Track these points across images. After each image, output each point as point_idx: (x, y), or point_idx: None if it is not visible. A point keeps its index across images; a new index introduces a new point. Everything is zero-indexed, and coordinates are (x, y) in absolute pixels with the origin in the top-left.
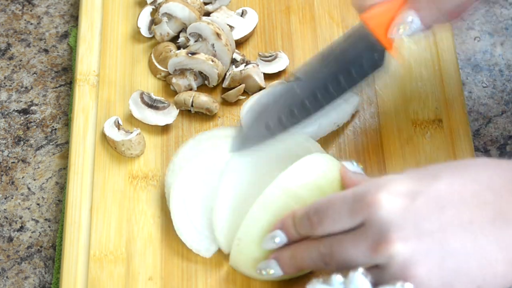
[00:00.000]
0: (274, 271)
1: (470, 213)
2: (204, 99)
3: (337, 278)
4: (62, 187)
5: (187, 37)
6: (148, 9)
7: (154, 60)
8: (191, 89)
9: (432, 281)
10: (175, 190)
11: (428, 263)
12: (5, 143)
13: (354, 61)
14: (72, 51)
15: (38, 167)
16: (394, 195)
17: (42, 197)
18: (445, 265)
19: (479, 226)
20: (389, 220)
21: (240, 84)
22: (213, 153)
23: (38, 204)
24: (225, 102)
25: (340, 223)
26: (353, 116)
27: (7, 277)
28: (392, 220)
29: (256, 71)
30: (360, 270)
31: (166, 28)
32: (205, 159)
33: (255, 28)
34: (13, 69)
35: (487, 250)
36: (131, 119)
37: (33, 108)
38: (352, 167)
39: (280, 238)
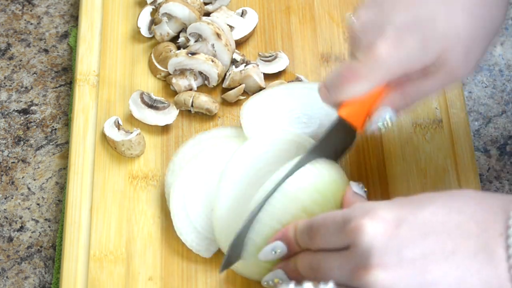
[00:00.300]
0: (282, 281)
1: (453, 243)
2: (204, 99)
3: (306, 285)
4: (62, 187)
5: (187, 37)
6: (148, 9)
7: (154, 60)
8: (191, 89)
9: None
10: (175, 190)
11: None
12: (5, 143)
13: (334, 148)
14: (72, 51)
15: (38, 167)
16: (378, 221)
17: (42, 197)
18: None
19: (462, 258)
20: (371, 246)
21: (240, 84)
22: (213, 153)
23: (38, 204)
24: (225, 102)
25: (330, 242)
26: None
27: (7, 277)
28: (374, 246)
29: (256, 71)
30: (331, 285)
31: (166, 28)
32: (205, 159)
33: (255, 28)
34: (13, 69)
35: (467, 282)
36: (131, 119)
37: (33, 108)
38: (357, 188)
39: (281, 249)
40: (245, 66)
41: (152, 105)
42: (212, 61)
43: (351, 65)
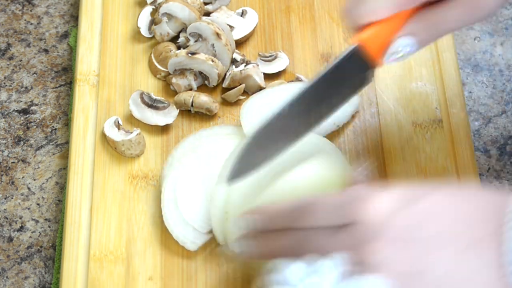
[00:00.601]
0: (245, 248)
1: (453, 233)
2: (204, 99)
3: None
4: (62, 187)
5: (187, 37)
6: (148, 9)
7: (154, 60)
8: (191, 89)
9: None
10: (168, 182)
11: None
12: (5, 143)
13: (346, 83)
14: (72, 51)
15: (38, 167)
16: (386, 199)
17: (42, 197)
18: (426, 278)
19: (458, 248)
20: (377, 221)
21: (240, 84)
22: (211, 149)
23: (38, 204)
24: (225, 102)
25: (327, 219)
26: (353, 117)
27: (7, 277)
28: (379, 222)
29: (256, 71)
30: (335, 258)
31: (166, 28)
32: (201, 154)
33: (255, 28)
34: (13, 69)
35: (459, 273)
36: (131, 119)
37: (33, 108)
38: (357, 173)
39: (256, 222)
40: (245, 66)
41: (152, 105)
42: (212, 61)
43: None
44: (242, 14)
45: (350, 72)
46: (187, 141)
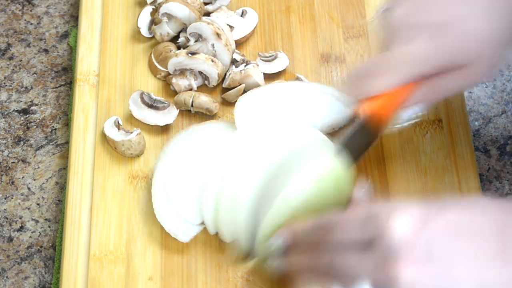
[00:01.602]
0: (277, 266)
1: (476, 245)
2: (204, 99)
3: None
4: (62, 187)
5: (187, 37)
6: (148, 9)
7: (154, 60)
8: (191, 89)
9: None
10: (158, 174)
11: None
12: (5, 143)
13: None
14: (72, 51)
15: (38, 167)
16: (407, 217)
17: (42, 197)
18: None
19: (483, 260)
20: (400, 241)
21: (240, 84)
22: (199, 142)
23: (38, 204)
24: (225, 102)
25: (350, 238)
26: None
27: (7, 277)
28: (402, 242)
29: (256, 71)
30: (366, 284)
31: (166, 28)
32: (190, 148)
33: (255, 28)
34: (13, 69)
35: (488, 284)
36: (131, 119)
37: (33, 108)
38: (359, 193)
39: (283, 241)
40: (245, 66)
41: (152, 105)
42: (212, 61)
43: (385, 57)
44: (242, 14)
45: (359, 141)
46: (179, 137)
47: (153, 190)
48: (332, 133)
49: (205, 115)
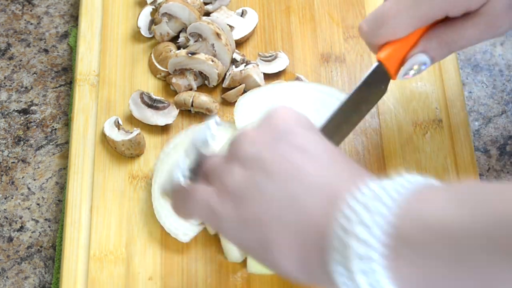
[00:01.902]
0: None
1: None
2: (204, 99)
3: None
4: (62, 187)
5: (187, 37)
6: (148, 9)
7: (154, 60)
8: (191, 89)
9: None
10: (158, 175)
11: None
12: (5, 143)
13: (370, 96)
14: (72, 51)
15: (38, 167)
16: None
17: (42, 197)
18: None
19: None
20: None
21: (240, 84)
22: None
23: (38, 204)
24: (225, 102)
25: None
26: None
27: (7, 277)
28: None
29: (256, 71)
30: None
31: (166, 28)
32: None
33: (255, 28)
34: (13, 69)
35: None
36: (131, 119)
37: (33, 108)
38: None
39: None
40: (245, 66)
41: (152, 105)
42: (212, 61)
43: (393, 3)
44: (242, 14)
45: (375, 85)
46: (178, 137)
47: (153, 190)
48: None
49: (205, 115)
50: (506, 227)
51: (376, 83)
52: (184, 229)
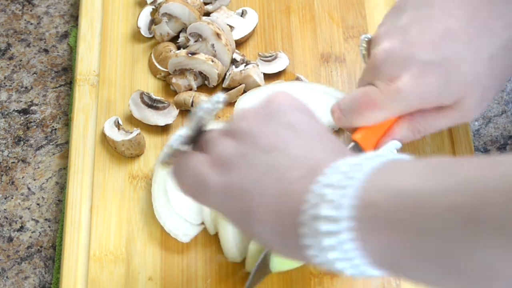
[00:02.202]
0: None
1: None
2: (204, 99)
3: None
4: (62, 187)
5: (187, 37)
6: (148, 9)
7: (154, 60)
8: (191, 89)
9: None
10: (158, 175)
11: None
12: (5, 143)
13: None
14: (72, 51)
15: (38, 167)
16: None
17: (42, 197)
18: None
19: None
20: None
21: (240, 84)
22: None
23: (38, 204)
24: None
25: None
26: None
27: (7, 277)
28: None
29: (256, 71)
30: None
31: (166, 28)
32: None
33: (255, 28)
34: (13, 69)
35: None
36: (131, 119)
37: (33, 108)
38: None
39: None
40: (245, 66)
41: (152, 105)
42: (212, 61)
43: (370, 93)
44: (242, 14)
45: None
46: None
47: (153, 190)
48: (336, 131)
49: None
50: (471, 195)
51: None
52: (184, 229)
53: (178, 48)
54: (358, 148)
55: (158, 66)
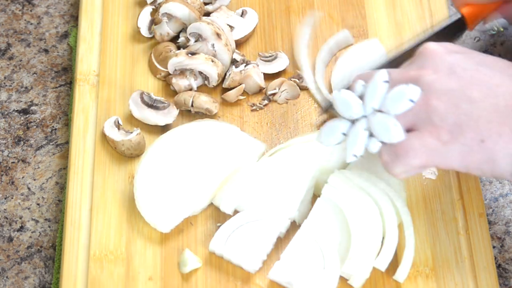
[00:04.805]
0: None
1: (494, 75)
2: (204, 99)
3: (359, 82)
4: (62, 187)
5: (187, 37)
6: (148, 9)
7: (154, 60)
8: (191, 89)
9: (447, 115)
10: (141, 167)
11: (448, 100)
12: (5, 143)
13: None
14: (72, 51)
15: (38, 167)
16: (439, 45)
17: (42, 197)
18: (461, 107)
19: (498, 84)
20: (431, 53)
21: (240, 84)
22: (181, 135)
23: (38, 204)
24: (225, 102)
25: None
26: None
27: (7, 277)
28: (432, 55)
29: (256, 71)
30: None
31: (166, 28)
32: (175, 141)
33: (255, 28)
34: (13, 69)
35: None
36: (131, 119)
37: (33, 108)
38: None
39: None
40: (245, 66)
41: (152, 105)
42: (212, 61)
43: None
44: (242, 14)
45: (451, 33)
46: (170, 132)
47: (134, 182)
48: None
49: (205, 115)
50: None
51: (452, 31)
52: (164, 220)
53: (178, 48)
54: (462, 22)
55: (158, 66)
